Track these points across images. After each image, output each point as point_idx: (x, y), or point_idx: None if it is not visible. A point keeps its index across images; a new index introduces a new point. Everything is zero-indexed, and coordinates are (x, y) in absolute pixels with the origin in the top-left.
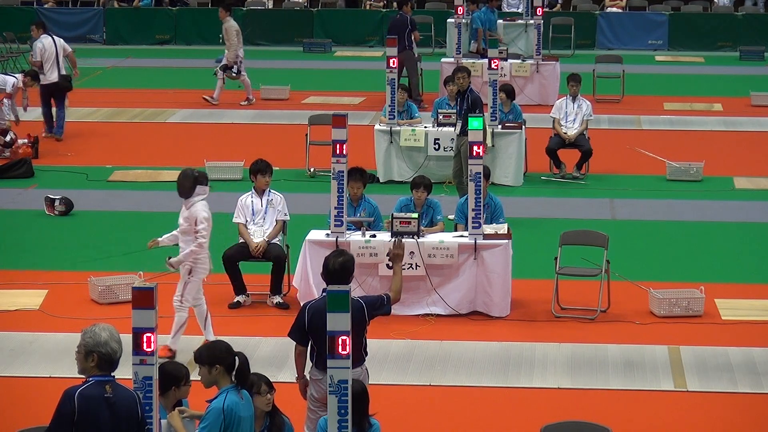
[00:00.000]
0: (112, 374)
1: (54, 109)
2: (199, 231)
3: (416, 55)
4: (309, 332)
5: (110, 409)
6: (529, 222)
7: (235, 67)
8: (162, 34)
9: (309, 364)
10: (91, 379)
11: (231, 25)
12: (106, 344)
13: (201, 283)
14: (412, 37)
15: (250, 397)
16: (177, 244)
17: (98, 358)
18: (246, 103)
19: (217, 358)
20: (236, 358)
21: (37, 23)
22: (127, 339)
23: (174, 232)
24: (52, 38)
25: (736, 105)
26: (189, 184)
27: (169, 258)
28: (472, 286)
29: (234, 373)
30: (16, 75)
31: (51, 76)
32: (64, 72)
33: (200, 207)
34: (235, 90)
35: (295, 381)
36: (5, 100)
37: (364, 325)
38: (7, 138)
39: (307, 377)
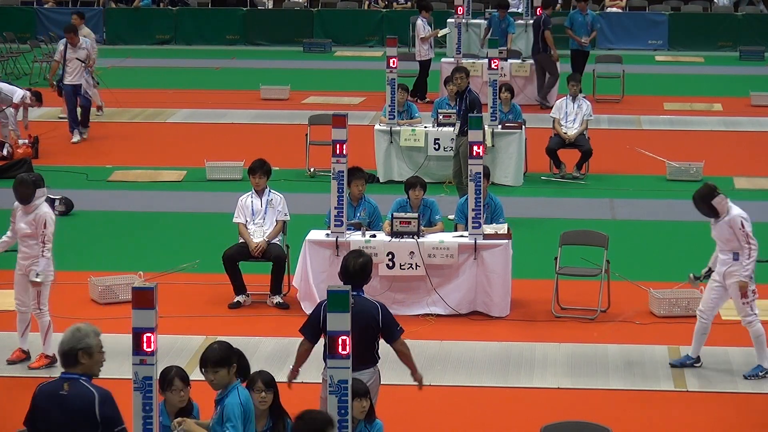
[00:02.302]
0: (80, 373)
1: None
2: (47, 234)
3: (553, 56)
4: (323, 331)
5: (60, 406)
6: (529, 222)
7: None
8: (162, 34)
9: (316, 367)
10: (60, 375)
11: (89, 31)
12: (61, 343)
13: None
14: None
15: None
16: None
17: (58, 355)
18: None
19: (233, 357)
20: (239, 354)
21: (72, 29)
22: (126, 339)
23: (3, 238)
24: None
25: (736, 105)
26: (30, 190)
27: (37, 275)
28: (472, 286)
29: (238, 369)
30: (24, 90)
31: None
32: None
33: (46, 209)
34: (236, 90)
35: (293, 380)
36: (10, 110)
37: (377, 328)
38: (4, 152)
39: (320, 379)
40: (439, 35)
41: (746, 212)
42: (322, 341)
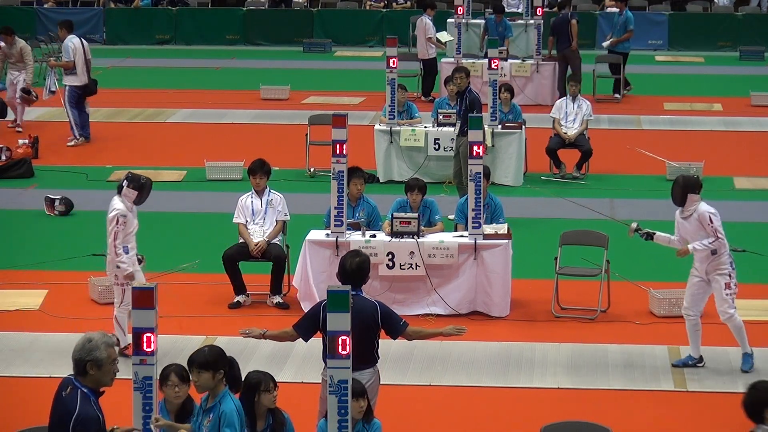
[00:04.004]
0: (88, 384)
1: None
2: None
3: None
4: (323, 330)
5: (57, 405)
6: (529, 222)
7: (33, 91)
8: (162, 34)
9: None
10: (73, 376)
11: (25, 44)
12: (73, 350)
13: None
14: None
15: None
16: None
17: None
18: (15, 127)
19: (221, 363)
20: (231, 362)
21: (63, 24)
22: (126, 339)
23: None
24: (80, 39)
25: (736, 105)
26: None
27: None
28: (472, 286)
29: (227, 377)
30: None
31: (83, 78)
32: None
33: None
34: (236, 90)
35: (293, 381)
36: None
37: (376, 328)
38: (2, 156)
39: (320, 379)
40: (443, 40)
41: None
42: (320, 341)
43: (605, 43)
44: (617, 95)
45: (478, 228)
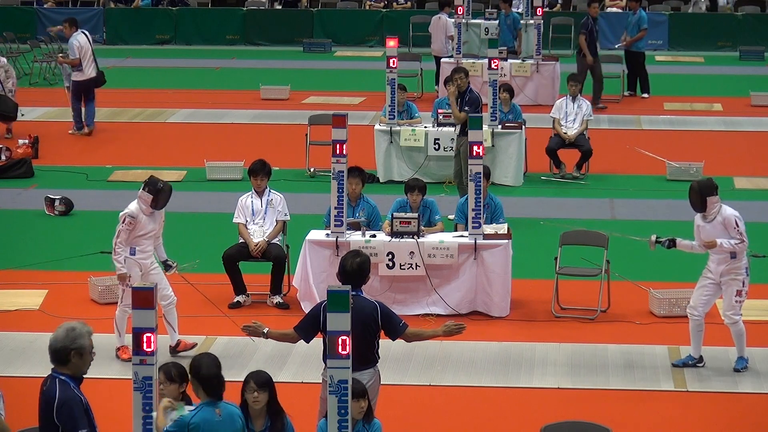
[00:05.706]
0: (67, 373)
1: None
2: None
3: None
4: (323, 330)
5: (41, 400)
6: (529, 222)
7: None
8: (162, 34)
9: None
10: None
11: (5, 63)
12: (54, 340)
13: None
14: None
15: (234, 409)
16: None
17: (50, 352)
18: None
19: (185, 375)
20: (200, 369)
21: (69, 21)
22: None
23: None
24: (85, 35)
25: (736, 105)
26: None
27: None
28: (472, 286)
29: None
30: None
31: (88, 72)
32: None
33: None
34: (236, 90)
35: (293, 381)
36: None
37: (376, 328)
38: (2, 157)
39: (320, 379)
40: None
41: (747, 212)
42: (320, 341)
43: (619, 44)
44: (645, 94)
45: (478, 228)
